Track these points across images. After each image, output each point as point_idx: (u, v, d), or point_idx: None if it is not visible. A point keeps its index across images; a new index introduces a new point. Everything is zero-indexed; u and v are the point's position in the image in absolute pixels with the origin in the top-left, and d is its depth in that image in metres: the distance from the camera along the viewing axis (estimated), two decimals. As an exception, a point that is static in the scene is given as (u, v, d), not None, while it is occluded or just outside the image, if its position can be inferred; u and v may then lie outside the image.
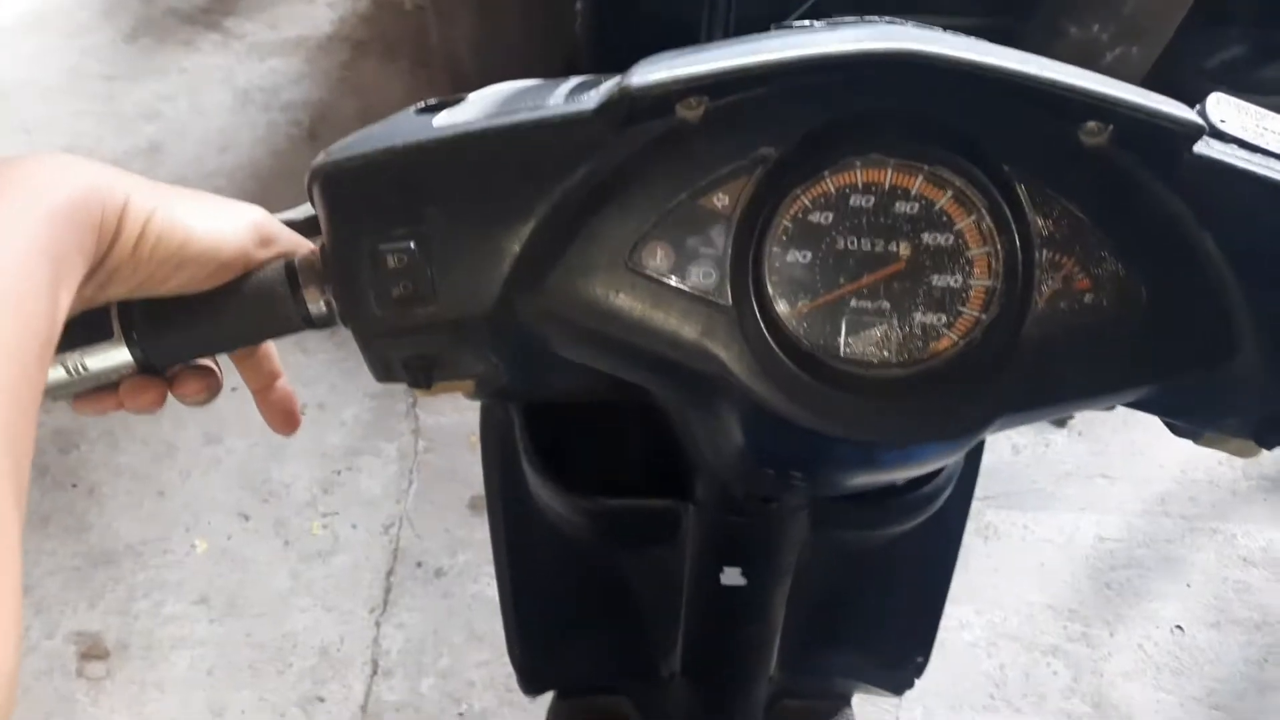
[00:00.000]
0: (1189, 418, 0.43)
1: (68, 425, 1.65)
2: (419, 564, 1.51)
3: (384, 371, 0.42)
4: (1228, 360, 0.38)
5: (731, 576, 0.55)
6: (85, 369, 0.40)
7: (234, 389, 0.45)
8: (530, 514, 0.63)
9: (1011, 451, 1.68)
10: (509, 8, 1.98)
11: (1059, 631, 1.47)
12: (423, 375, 0.42)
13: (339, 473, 1.62)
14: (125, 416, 1.67)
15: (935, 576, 0.68)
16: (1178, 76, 2.01)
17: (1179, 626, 1.48)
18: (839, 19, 0.41)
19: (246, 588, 1.48)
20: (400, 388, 1.62)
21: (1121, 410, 0.44)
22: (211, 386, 0.44)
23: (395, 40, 2.43)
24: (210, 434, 1.65)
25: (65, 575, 1.48)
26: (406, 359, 0.41)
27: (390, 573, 1.50)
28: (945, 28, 0.40)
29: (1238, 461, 1.69)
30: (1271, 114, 0.40)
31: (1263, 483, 1.67)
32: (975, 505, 1.39)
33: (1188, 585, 1.53)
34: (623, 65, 0.43)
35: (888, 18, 0.41)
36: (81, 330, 0.38)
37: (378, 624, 1.45)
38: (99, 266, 0.35)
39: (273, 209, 0.44)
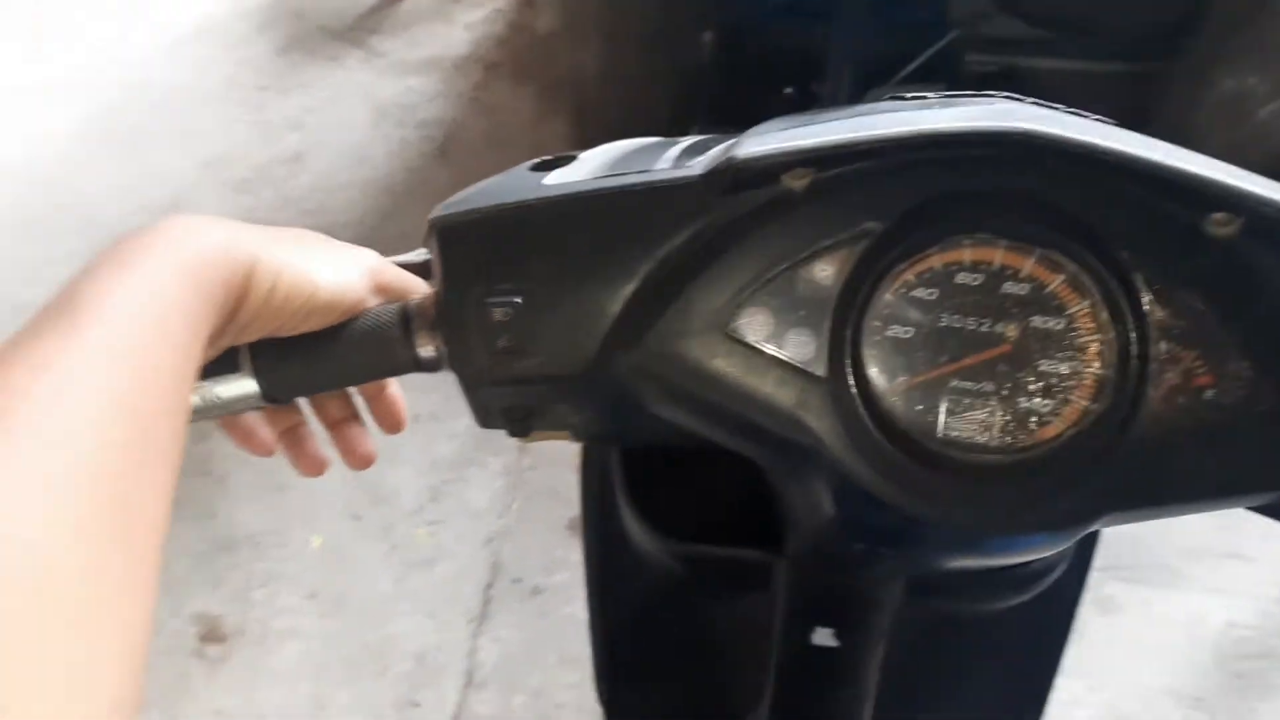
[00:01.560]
0: None
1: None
2: (517, 580, 1.53)
3: (485, 417, 0.44)
4: None
5: (823, 637, 0.54)
6: (217, 397, 0.43)
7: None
8: (623, 551, 0.63)
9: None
10: (636, 37, 2.01)
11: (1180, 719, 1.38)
12: (521, 424, 0.43)
13: (447, 482, 1.66)
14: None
15: (1045, 653, 0.65)
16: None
17: (1314, 726, 1.38)
18: (955, 93, 0.41)
19: (354, 587, 1.53)
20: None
21: None
22: (362, 454, 0.50)
23: (526, 63, 2.49)
24: (326, 436, 1.72)
25: (192, 558, 1.56)
26: (507, 408, 0.43)
27: (489, 585, 1.53)
28: (1071, 107, 0.39)
29: (1388, 550, 1.56)
30: None
31: None
32: (1096, 575, 1.33)
33: (1327, 682, 1.43)
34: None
35: (1006, 93, 0.40)
36: (216, 364, 0.41)
37: (474, 635, 1.47)
38: (231, 319, 0.38)
39: (402, 224, 0.47)
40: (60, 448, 0.27)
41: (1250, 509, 0.40)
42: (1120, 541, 1.56)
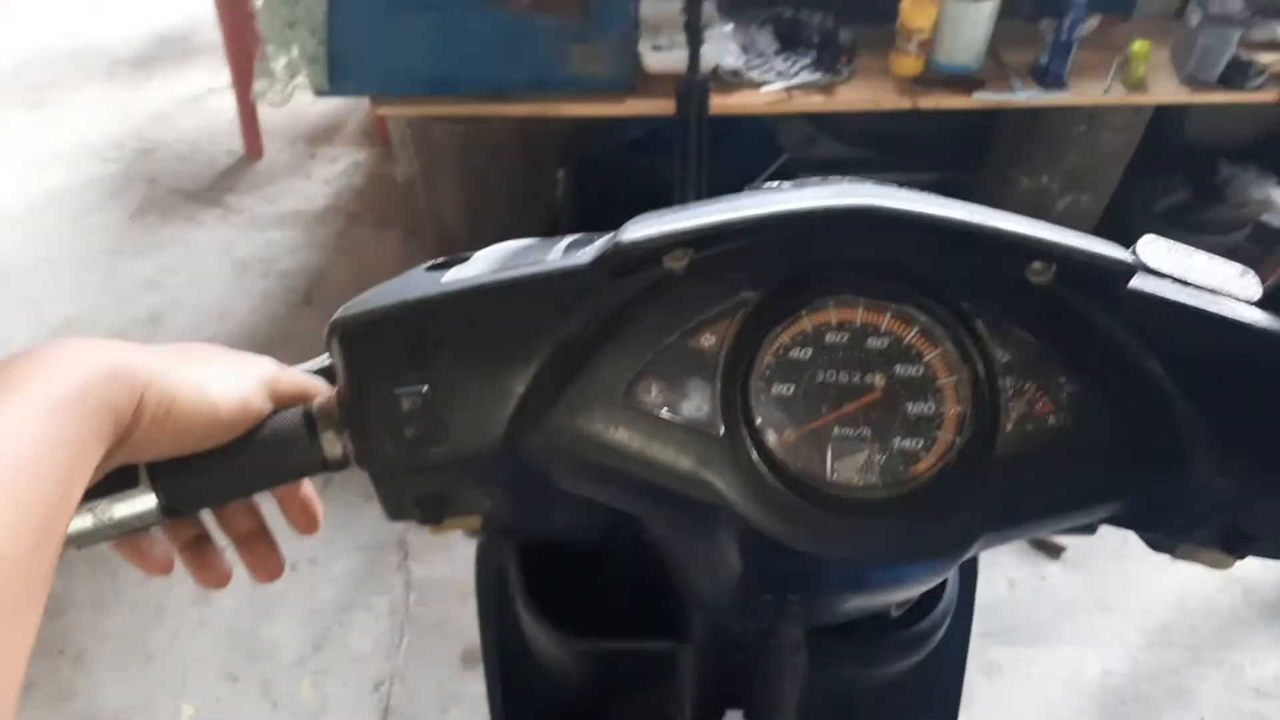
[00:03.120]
0: (1161, 531, 0.46)
1: (56, 589, 1.62)
2: (410, 723, 1.47)
3: (396, 509, 0.45)
4: (1183, 471, 0.41)
5: (734, 719, 0.56)
6: (111, 517, 0.41)
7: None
8: (525, 659, 0.63)
9: (1008, 586, 1.67)
10: (493, 179, 2.11)
11: (1072, 771, 1.42)
12: (433, 512, 0.44)
13: (329, 629, 1.59)
14: (114, 579, 1.64)
15: (940, 714, 0.68)
16: (1131, 220, 2.14)
17: (1195, 762, 1.44)
18: (805, 180, 0.47)
19: (231, 756, 1.43)
20: (391, 540, 1.61)
21: (1113, 539, 0.45)
22: (271, 566, 0.47)
23: (387, 210, 2.56)
24: (199, 594, 1.63)
25: (43, 749, 1.42)
26: (419, 496, 0.44)
27: (381, 734, 1.45)
28: (901, 184, 0.45)
29: (1236, 588, 1.68)
30: (1198, 251, 0.45)
31: (1264, 609, 1.66)
32: (976, 642, 1.38)
33: (1201, 718, 1.50)
34: (600, 228, 0.48)
35: (849, 176, 0.46)
36: (110, 479, 0.40)
37: (368, 790, 1.39)
38: (123, 442, 0.37)
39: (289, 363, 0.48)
40: None
41: (1108, 522, 0.44)
42: (995, 607, 1.63)
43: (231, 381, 0.42)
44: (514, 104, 1.81)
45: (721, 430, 0.40)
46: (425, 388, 0.41)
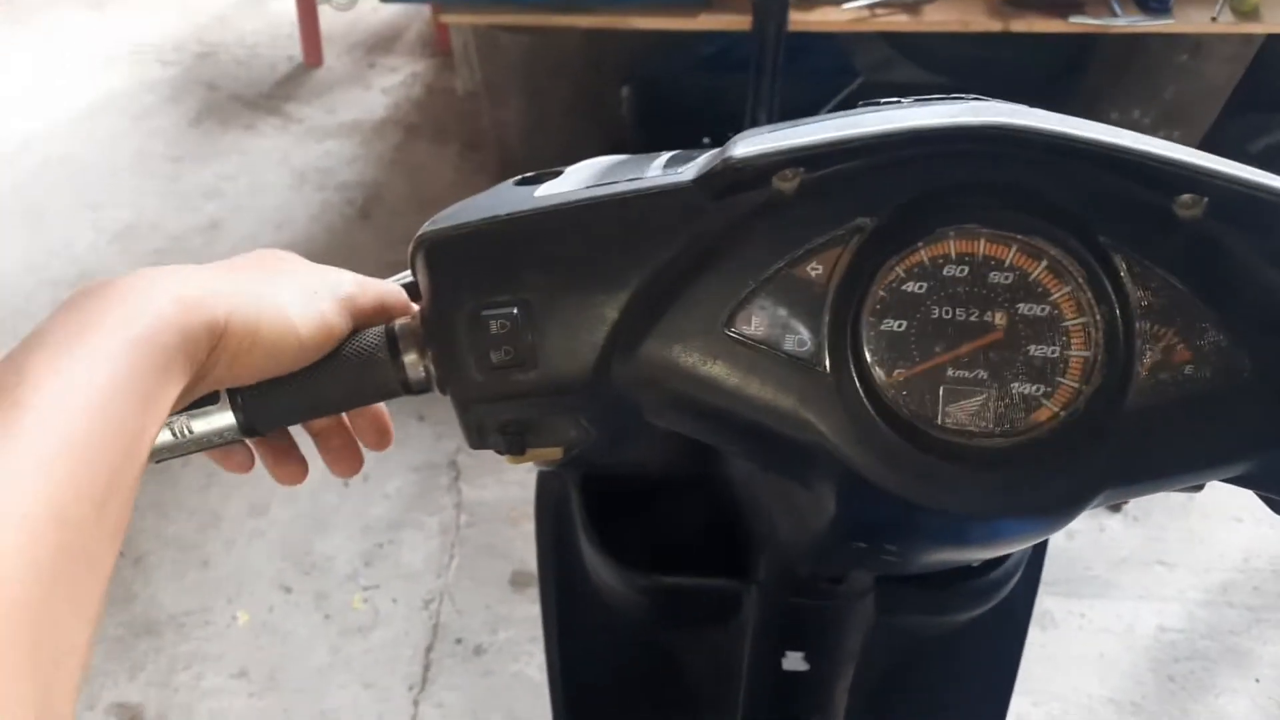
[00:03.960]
0: None
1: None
2: (459, 641, 1.49)
3: (478, 437, 0.43)
4: None
5: (794, 662, 0.54)
6: (191, 432, 0.40)
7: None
8: (583, 590, 0.62)
9: (1066, 537, 1.63)
10: (557, 94, 2.05)
11: (1122, 727, 1.41)
12: (516, 441, 0.42)
13: (381, 546, 1.61)
14: (174, 486, 1.68)
15: (1001, 667, 0.66)
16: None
17: (1250, 724, 1.41)
18: (926, 96, 0.42)
19: (287, 662, 1.47)
20: (444, 461, 1.61)
21: (1178, 495, 0.42)
22: (351, 461, 0.47)
23: (446, 124, 2.51)
24: (256, 505, 1.66)
25: (109, 645, 1.48)
26: (503, 424, 0.42)
27: (430, 649, 1.48)
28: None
29: (1303, 550, 1.63)
30: None
31: (1330, 573, 1.60)
32: (1031, 591, 1.33)
33: (1256, 680, 1.47)
34: (665, 147, 0.43)
35: (973, 94, 0.42)
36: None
37: (416, 703, 1.42)
38: (204, 376, 0.36)
39: None
40: None
41: (1230, 481, 0.41)
42: (1051, 557, 1.60)
43: (313, 303, 0.40)
44: (583, 14, 1.74)
45: (827, 366, 0.37)
46: (515, 310, 0.39)
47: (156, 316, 0.33)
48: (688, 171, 0.40)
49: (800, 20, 1.69)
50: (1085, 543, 1.63)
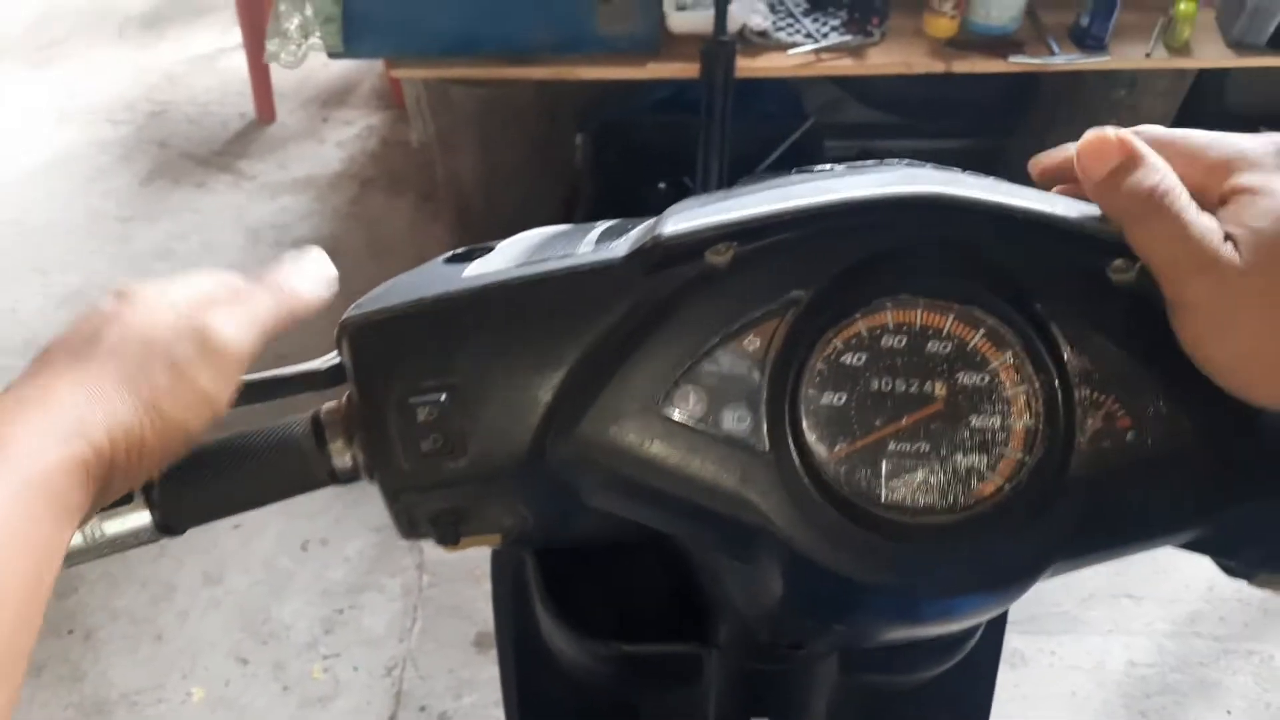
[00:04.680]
0: (1244, 558, 0.42)
1: (68, 569, 1.62)
2: (422, 708, 1.45)
3: (410, 528, 0.41)
4: (1276, 495, 0.37)
5: None
6: (103, 534, 0.39)
7: (236, 526, 0.44)
8: (543, 659, 0.60)
9: (1032, 572, 1.63)
10: (511, 144, 2.05)
11: (1097, 766, 1.40)
12: (450, 530, 0.41)
13: (341, 611, 1.58)
14: (125, 557, 1.63)
15: (971, 717, 0.64)
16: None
17: (1223, 757, 1.41)
18: (859, 163, 0.42)
19: (243, 738, 1.42)
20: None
21: None
22: None
23: (401, 176, 2.51)
24: (210, 574, 1.62)
25: (56, 728, 1.42)
26: (435, 514, 0.40)
27: (393, 717, 1.44)
28: (963, 169, 0.40)
29: (1266, 575, 1.64)
30: None
31: (1294, 599, 1.61)
32: (999, 633, 1.32)
33: (1228, 712, 1.47)
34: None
35: (907, 160, 0.41)
36: None
37: (379, 774, 1.38)
38: (108, 487, 0.35)
39: (284, 342, 0.43)
40: None
41: (1184, 547, 0.40)
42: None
43: (185, 386, 0.37)
44: (534, 66, 1.75)
45: (766, 444, 0.36)
46: (443, 396, 0.38)
47: (42, 465, 0.32)
48: (619, 247, 0.39)
49: (747, 67, 1.71)
50: (1052, 579, 1.63)
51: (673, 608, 0.55)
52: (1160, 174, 0.35)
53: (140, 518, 0.39)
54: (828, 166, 0.42)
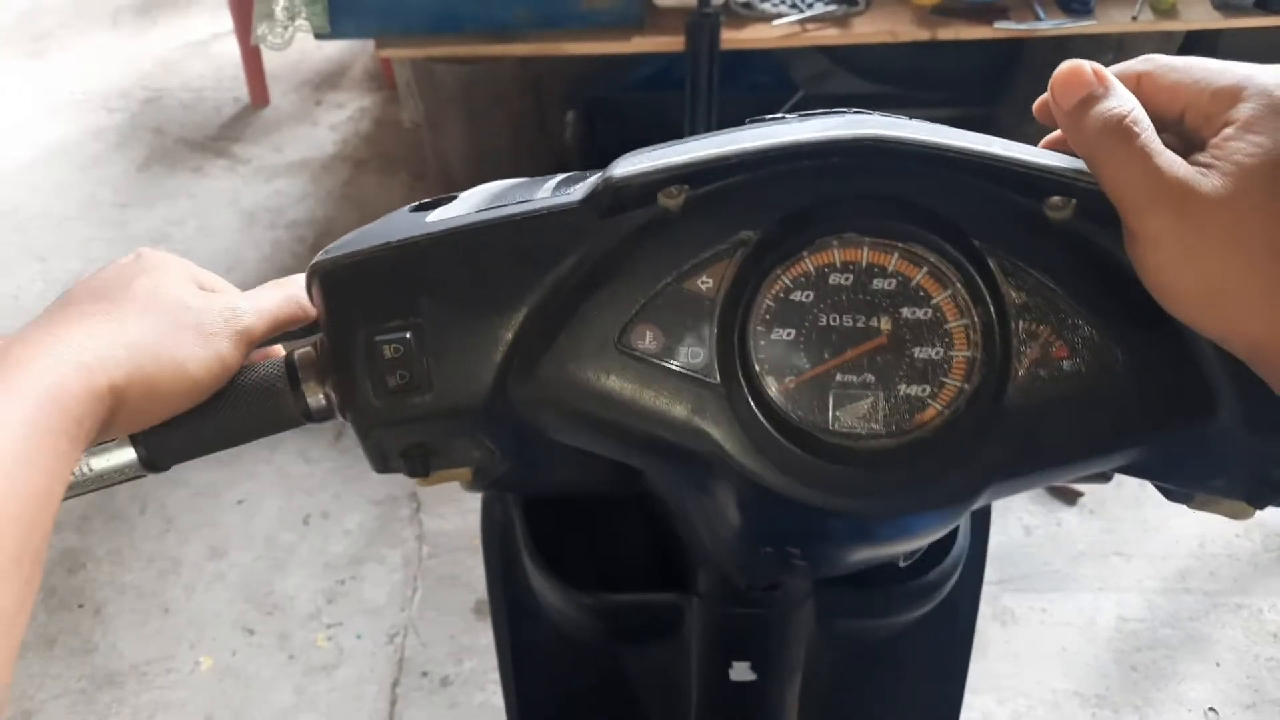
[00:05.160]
0: (1179, 480, 0.44)
1: (75, 545, 1.65)
2: (424, 673, 1.48)
3: (382, 462, 0.43)
4: (1207, 419, 0.39)
5: (741, 672, 0.54)
6: (90, 469, 0.41)
7: (239, 501, 0.46)
8: (533, 613, 0.62)
9: (1023, 533, 1.65)
10: (498, 121, 2.06)
11: (1087, 719, 1.42)
12: (420, 464, 0.43)
13: (343, 582, 1.60)
14: (131, 534, 1.66)
15: (950, 666, 0.66)
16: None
17: (1213, 709, 1.43)
18: (810, 111, 0.43)
19: (251, 705, 1.45)
20: (404, 493, 1.61)
21: (1131, 486, 0.43)
22: None
23: (394, 156, 2.52)
24: (215, 548, 1.65)
25: (71, 698, 1.46)
26: (404, 448, 0.42)
27: (396, 684, 1.47)
28: (917, 118, 0.42)
29: (1256, 534, 1.65)
30: None
31: (1283, 554, 1.63)
32: (990, 589, 1.36)
33: (1217, 664, 1.49)
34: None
35: (855, 109, 0.43)
36: None
37: (383, 738, 1.41)
38: (104, 431, 0.37)
39: None
40: None
41: (1123, 471, 0.42)
42: (1009, 554, 1.62)
43: (209, 345, 0.40)
44: (518, 43, 1.76)
45: (718, 377, 0.38)
46: (408, 334, 0.39)
47: (56, 389, 0.34)
48: (576, 193, 0.41)
49: (732, 38, 1.71)
50: (1043, 538, 1.65)
51: (654, 560, 0.57)
52: (1128, 104, 0.36)
53: (126, 454, 0.41)
54: (779, 115, 0.43)
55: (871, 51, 1.92)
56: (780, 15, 1.76)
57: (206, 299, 0.42)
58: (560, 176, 0.45)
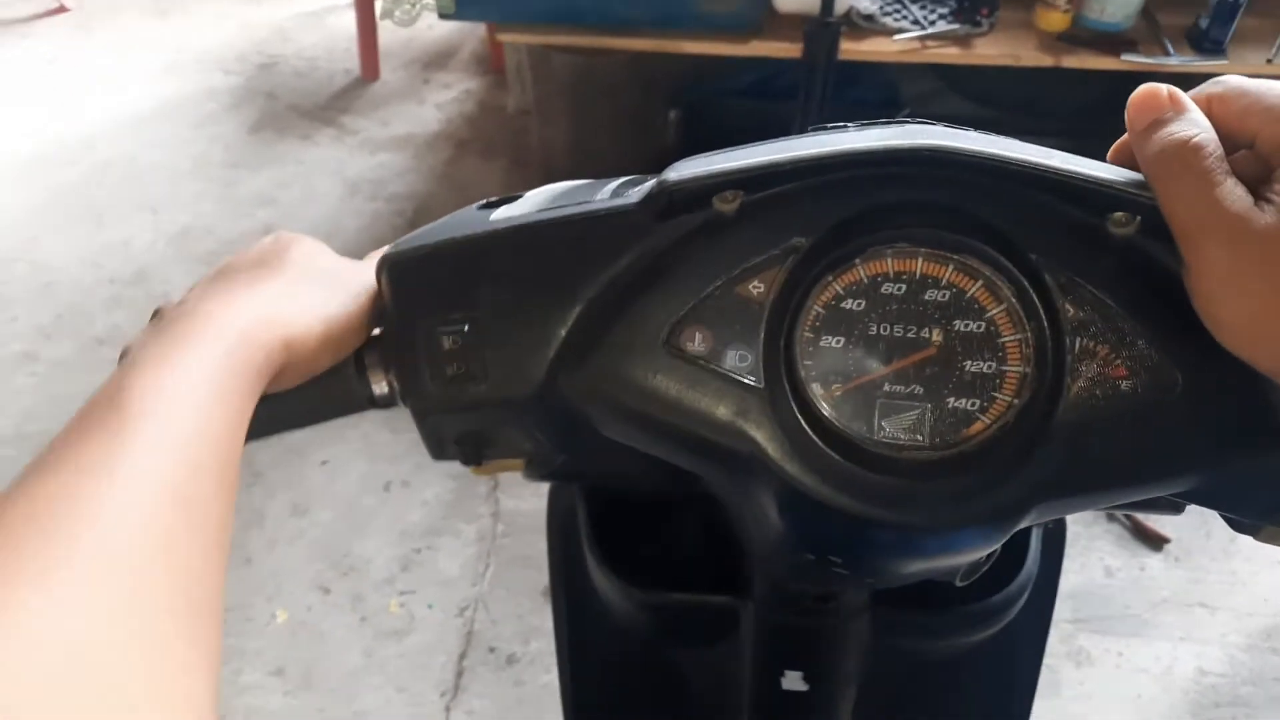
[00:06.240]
0: (1244, 511, 0.42)
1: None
2: (491, 649, 1.50)
3: (438, 448, 0.45)
4: (1271, 447, 0.37)
5: (793, 681, 0.54)
6: None
7: (324, 462, 0.47)
8: (592, 604, 0.62)
9: (1104, 574, 1.62)
10: (604, 114, 2.08)
11: (1158, 770, 1.38)
12: (473, 451, 0.44)
13: (418, 551, 1.64)
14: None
15: (1013, 695, 0.65)
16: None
17: (1289, 775, 1.39)
18: (872, 121, 0.43)
19: (322, 662, 1.49)
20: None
21: (1220, 537, 0.42)
22: None
23: (496, 140, 2.56)
24: (298, 505, 1.69)
25: (150, 635, 1.51)
26: (459, 435, 0.44)
27: (463, 656, 1.50)
28: (977, 128, 0.41)
29: (1349, 599, 1.60)
30: None
31: (1375, 624, 1.57)
32: (1067, 628, 1.33)
33: (1297, 730, 1.44)
34: None
35: (919, 119, 0.42)
36: None
37: (448, 708, 1.44)
38: (274, 383, 0.40)
39: None
40: (120, 544, 0.28)
41: (1186, 498, 0.41)
42: (1089, 594, 1.58)
43: (356, 304, 0.43)
44: (636, 37, 1.77)
45: (763, 382, 0.38)
46: (466, 326, 0.41)
47: (241, 336, 0.37)
48: (634, 195, 0.41)
49: (851, 50, 1.71)
50: (1125, 581, 1.61)
51: (714, 561, 0.57)
52: (1196, 129, 0.35)
53: None
54: (841, 124, 0.43)
55: (985, 75, 1.89)
56: (902, 30, 1.75)
57: (352, 266, 0.45)
58: (622, 179, 0.45)
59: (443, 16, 1.80)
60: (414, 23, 1.82)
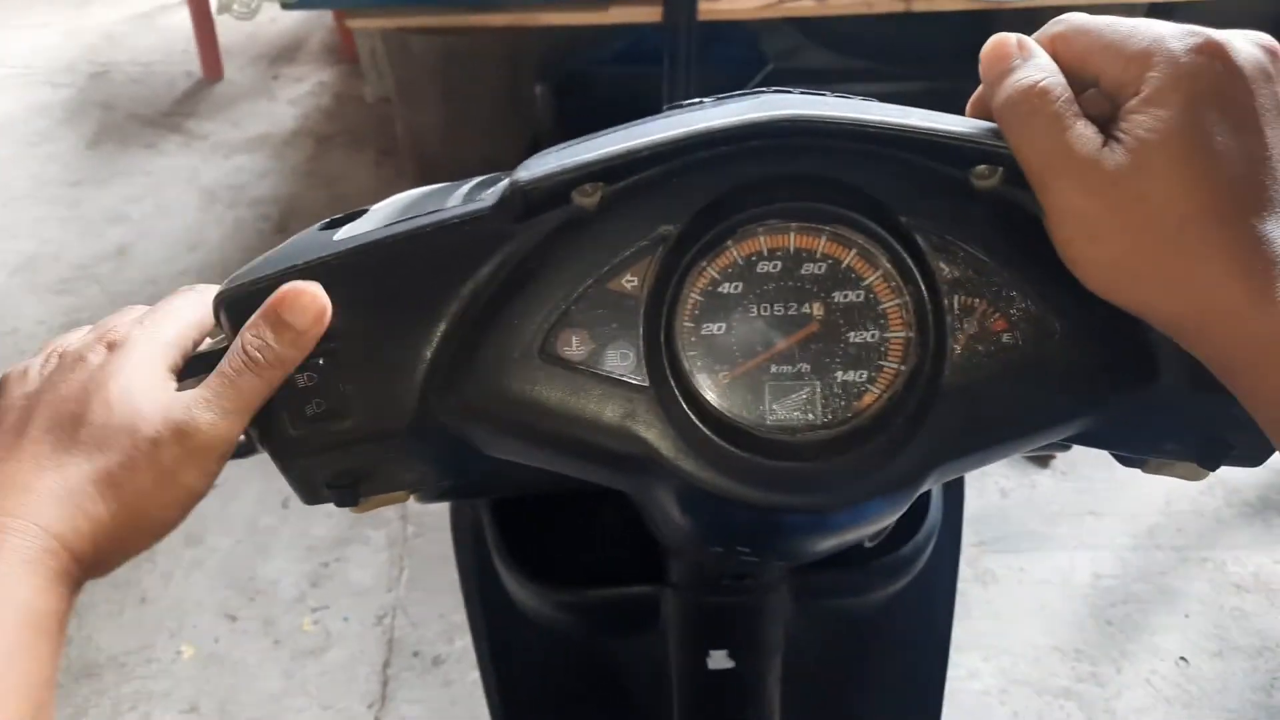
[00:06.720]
0: (1130, 447, 0.43)
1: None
2: (416, 653, 1.47)
3: (310, 493, 0.41)
4: (1151, 383, 0.38)
5: (719, 660, 0.54)
6: None
7: (215, 486, 0.42)
8: (509, 610, 0.61)
9: (1000, 495, 1.69)
10: (473, 95, 2.03)
11: (1068, 672, 1.46)
12: (349, 493, 0.41)
13: (327, 565, 1.58)
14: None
15: (932, 635, 0.66)
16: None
17: (1183, 658, 1.48)
18: (728, 95, 0.42)
19: (238, 692, 1.42)
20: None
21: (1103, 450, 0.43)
22: None
23: (359, 132, 2.47)
24: (191, 534, 1.61)
25: (45, 693, 1.41)
26: (331, 477, 0.40)
27: (386, 664, 1.46)
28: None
29: (1219, 490, 1.71)
30: None
31: (1245, 509, 1.69)
32: (971, 551, 1.38)
33: (1186, 616, 1.54)
34: None
35: (776, 88, 0.42)
36: None
37: (377, 719, 1.40)
38: (80, 584, 0.37)
39: None
40: None
41: (1076, 441, 0.41)
42: (987, 516, 1.65)
43: (171, 487, 0.38)
44: (492, 13, 1.72)
45: (647, 380, 0.37)
46: (320, 360, 0.38)
47: (20, 594, 0.34)
48: (488, 198, 0.39)
49: (710, 9, 1.71)
50: (1019, 500, 1.69)
51: (629, 550, 0.56)
52: (1042, 74, 0.35)
53: None
54: (697, 101, 0.42)
55: (845, 24, 1.92)
56: (756, -14, 1.76)
57: (165, 433, 0.37)
58: (474, 181, 0.43)
59: (285, 7, 1.71)
60: (254, 15, 1.73)
